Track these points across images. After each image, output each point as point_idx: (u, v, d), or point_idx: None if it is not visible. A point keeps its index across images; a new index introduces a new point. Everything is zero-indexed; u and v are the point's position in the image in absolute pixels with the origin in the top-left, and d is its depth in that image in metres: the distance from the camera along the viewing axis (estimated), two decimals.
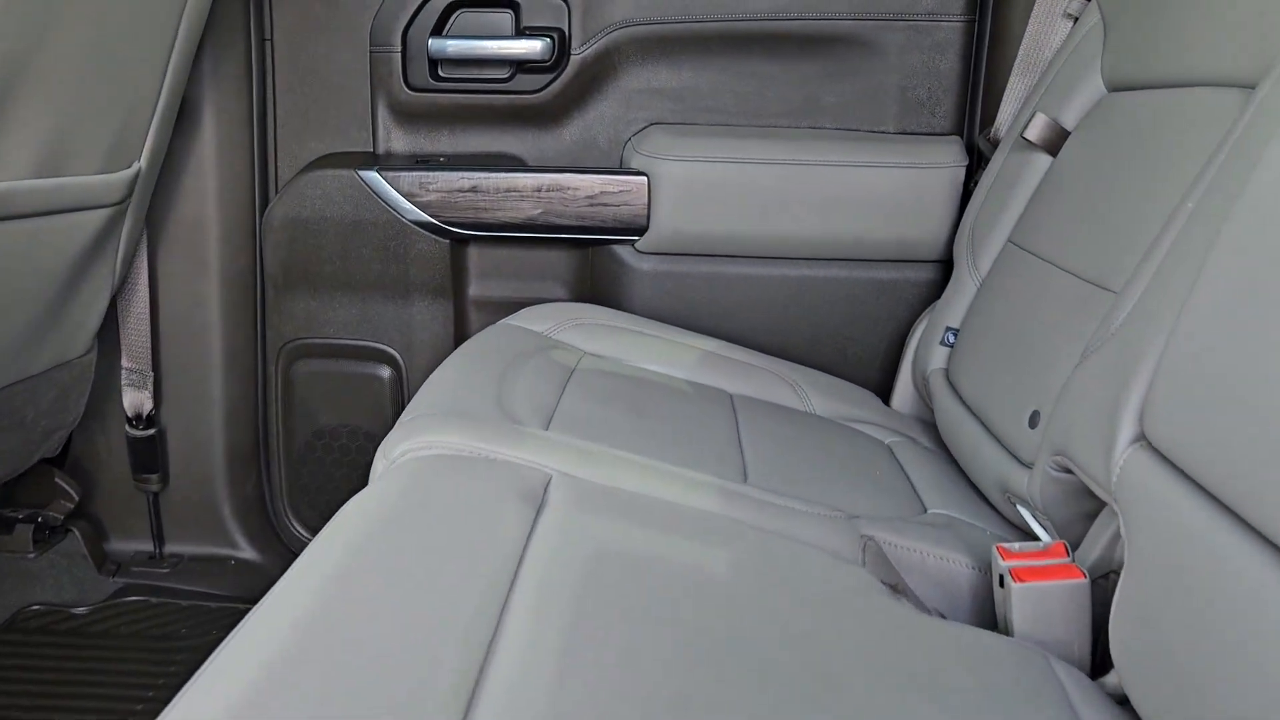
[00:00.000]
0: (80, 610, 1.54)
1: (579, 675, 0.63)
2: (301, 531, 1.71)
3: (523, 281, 1.63)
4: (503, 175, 1.52)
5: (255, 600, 1.59)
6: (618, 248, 1.56)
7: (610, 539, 0.80)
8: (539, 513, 0.83)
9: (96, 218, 1.33)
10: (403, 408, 1.65)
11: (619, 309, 1.53)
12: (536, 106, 1.59)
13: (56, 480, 1.62)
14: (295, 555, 1.69)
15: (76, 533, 1.64)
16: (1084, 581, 0.82)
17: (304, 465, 1.69)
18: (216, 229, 1.58)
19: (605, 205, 1.51)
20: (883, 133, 1.59)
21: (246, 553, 1.71)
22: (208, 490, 1.69)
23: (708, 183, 1.50)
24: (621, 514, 0.85)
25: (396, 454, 0.95)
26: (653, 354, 1.38)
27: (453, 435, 0.96)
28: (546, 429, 1.05)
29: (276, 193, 1.63)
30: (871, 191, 1.50)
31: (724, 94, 1.58)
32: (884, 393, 1.49)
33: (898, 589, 0.90)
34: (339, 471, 1.68)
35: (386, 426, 1.66)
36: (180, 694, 0.58)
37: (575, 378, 1.24)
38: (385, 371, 1.64)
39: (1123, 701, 0.74)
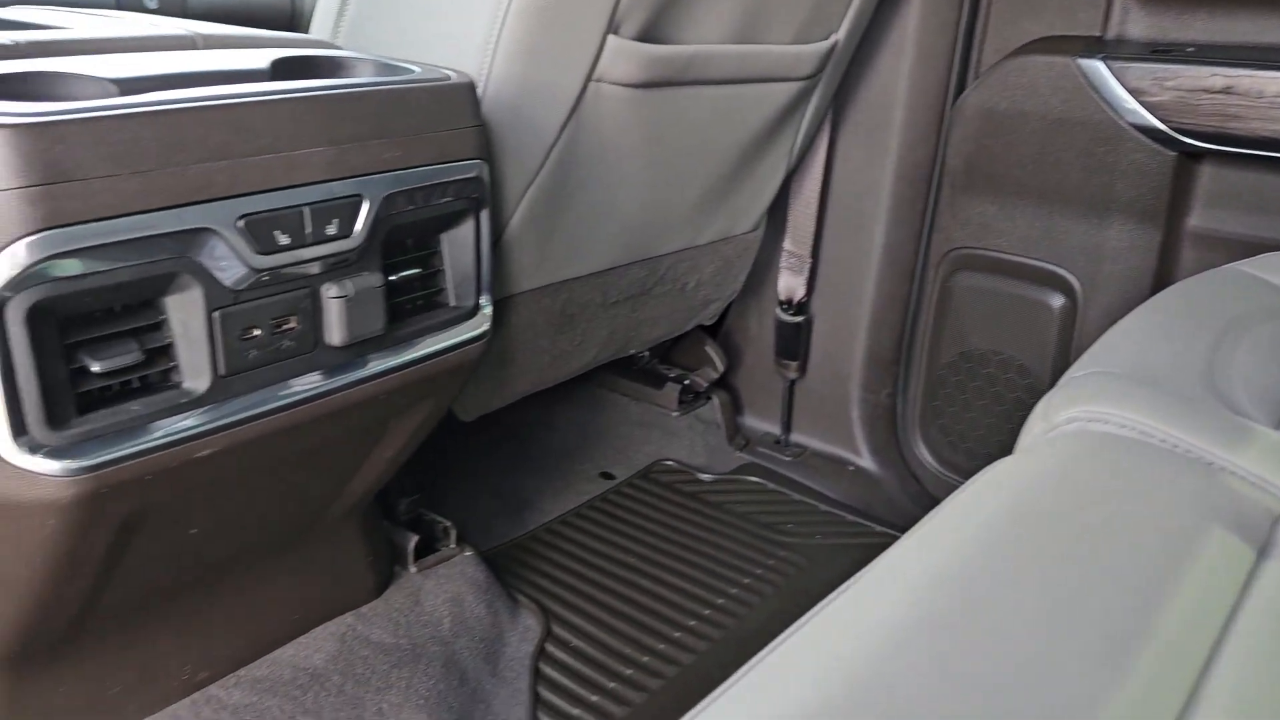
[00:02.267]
0: (706, 477, 1.59)
1: None
2: (926, 455, 1.57)
3: (1269, 218, 1.25)
4: (1275, 74, 1.15)
5: (865, 512, 1.51)
6: None
7: None
8: (1261, 558, 0.57)
9: (784, 91, 1.27)
10: (1069, 347, 1.40)
11: None
12: None
13: (707, 349, 1.67)
14: (915, 478, 1.58)
15: (716, 401, 1.70)
16: None
17: (943, 386, 1.53)
18: (901, 115, 1.45)
19: None
20: None
21: (866, 461, 1.63)
22: (841, 389, 1.63)
23: None
24: None
25: (1061, 418, 0.74)
26: None
27: (1141, 412, 0.72)
28: (1279, 427, 0.75)
29: (975, 79, 1.43)
30: None
31: None
32: None
33: None
34: (979, 402, 1.49)
35: (1045, 363, 1.43)
36: (770, 653, 0.49)
37: None
38: (1057, 300, 1.39)
39: None
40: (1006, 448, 1.48)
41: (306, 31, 1.09)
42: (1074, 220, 1.35)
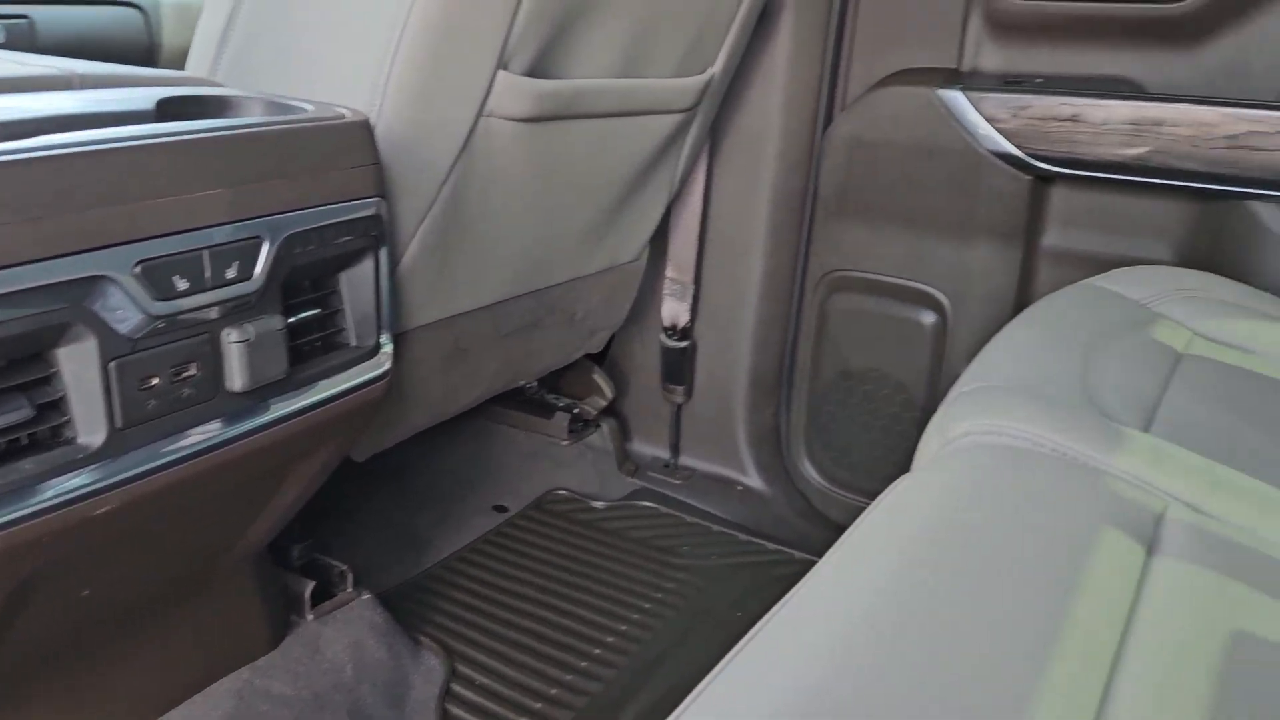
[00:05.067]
0: (599, 504, 1.60)
1: None
2: (811, 473, 1.62)
3: (1114, 235, 1.35)
4: (1115, 103, 1.25)
5: (756, 531, 1.54)
6: (1256, 205, 1.21)
7: (1258, 621, 0.57)
8: (1150, 555, 0.62)
9: (665, 123, 1.30)
10: (942, 361, 1.48)
11: (1244, 283, 1.19)
12: (1174, 20, 1.27)
13: (595, 377, 1.68)
14: (801, 495, 1.62)
15: (605, 429, 1.71)
16: None
17: (824, 404, 1.59)
18: (775, 144, 1.50)
19: (1253, 149, 1.17)
20: None
21: (754, 481, 1.67)
22: (727, 411, 1.66)
23: None
24: (1274, 584, 0.60)
25: (957, 433, 0.78)
26: None
27: (1029, 423, 0.76)
28: (1147, 430, 0.81)
29: (843, 109, 1.50)
30: None
31: None
32: None
33: None
34: (860, 418, 1.55)
35: (920, 378, 1.50)
36: (714, 677, 0.50)
37: (1183, 366, 0.97)
38: (929, 318, 1.46)
39: None
40: (888, 460, 1.55)
41: (174, 67, 1.06)
42: (941, 242, 1.42)
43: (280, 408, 0.81)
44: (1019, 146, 1.31)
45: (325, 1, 0.94)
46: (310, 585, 1.15)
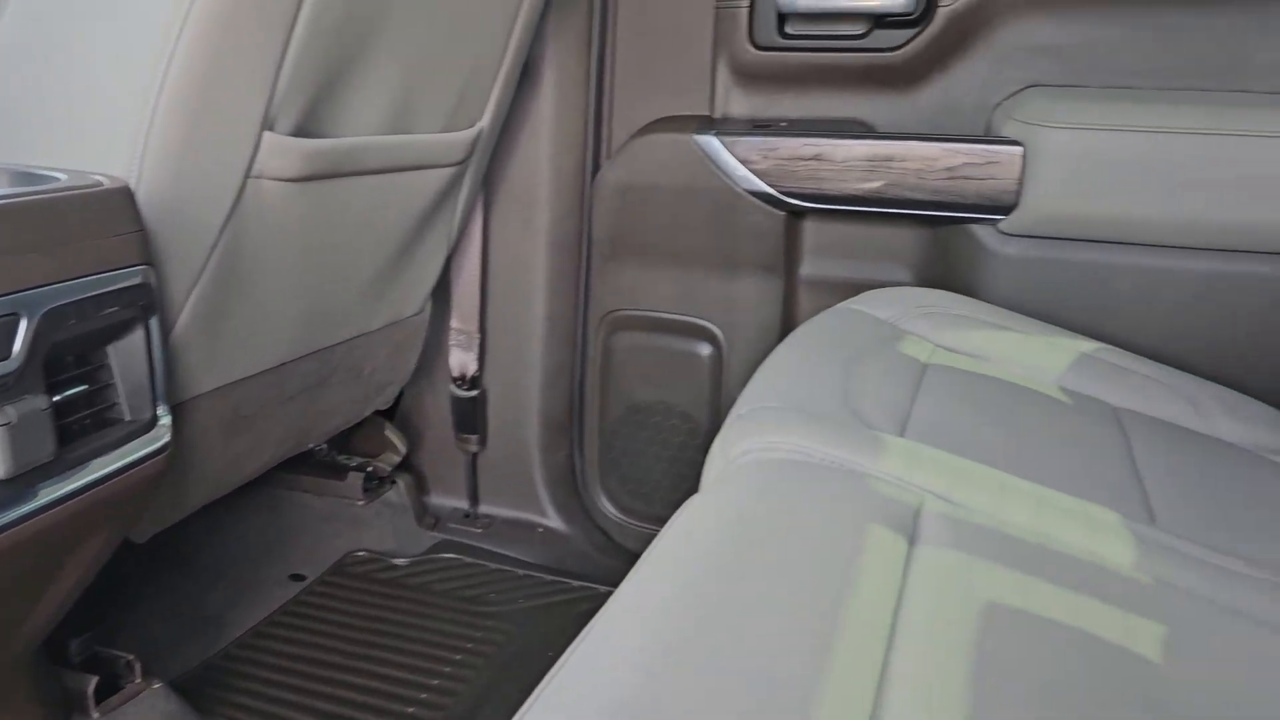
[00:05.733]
0: (400, 561, 1.58)
1: None
2: (608, 507, 1.67)
3: (861, 262, 1.47)
4: (851, 143, 1.37)
5: (560, 570, 1.56)
6: (976, 228, 1.36)
7: (1005, 592, 0.65)
8: (912, 545, 0.69)
9: (438, 177, 1.32)
10: (721, 389, 1.56)
11: (973, 297, 1.34)
12: (892, 66, 1.42)
13: (387, 433, 1.67)
14: (600, 530, 1.66)
15: (401, 485, 1.69)
16: None
17: (616, 439, 1.64)
18: (547, 193, 1.55)
19: (967, 179, 1.32)
20: None
21: (554, 522, 1.69)
22: (522, 455, 1.68)
23: (1099, 155, 1.27)
24: (1015, 559, 0.69)
25: (737, 452, 0.84)
26: (1017, 352, 1.19)
27: (799, 436, 0.83)
28: (902, 435, 0.90)
29: (609, 157, 1.57)
30: None
31: (1123, 52, 1.34)
32: None
33: None
34: (651, 449, 1.61)
35: (702, 407, 1.58)
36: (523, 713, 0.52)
37: (929, 375, 1.08)
38: (705, 349, 1.55)
39: None
40: (679, 487, 1.61)
41: None
42: (710, 278, 1.51)
43: (49, 492, 0.77)
44: (771, 185, 1.42)
45: (75, 67, 0.91)
46: (93, 681, 1.08)
